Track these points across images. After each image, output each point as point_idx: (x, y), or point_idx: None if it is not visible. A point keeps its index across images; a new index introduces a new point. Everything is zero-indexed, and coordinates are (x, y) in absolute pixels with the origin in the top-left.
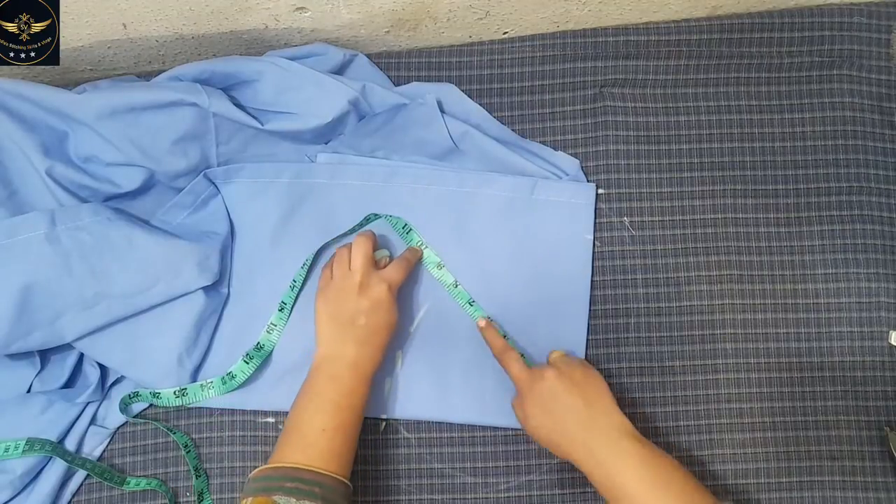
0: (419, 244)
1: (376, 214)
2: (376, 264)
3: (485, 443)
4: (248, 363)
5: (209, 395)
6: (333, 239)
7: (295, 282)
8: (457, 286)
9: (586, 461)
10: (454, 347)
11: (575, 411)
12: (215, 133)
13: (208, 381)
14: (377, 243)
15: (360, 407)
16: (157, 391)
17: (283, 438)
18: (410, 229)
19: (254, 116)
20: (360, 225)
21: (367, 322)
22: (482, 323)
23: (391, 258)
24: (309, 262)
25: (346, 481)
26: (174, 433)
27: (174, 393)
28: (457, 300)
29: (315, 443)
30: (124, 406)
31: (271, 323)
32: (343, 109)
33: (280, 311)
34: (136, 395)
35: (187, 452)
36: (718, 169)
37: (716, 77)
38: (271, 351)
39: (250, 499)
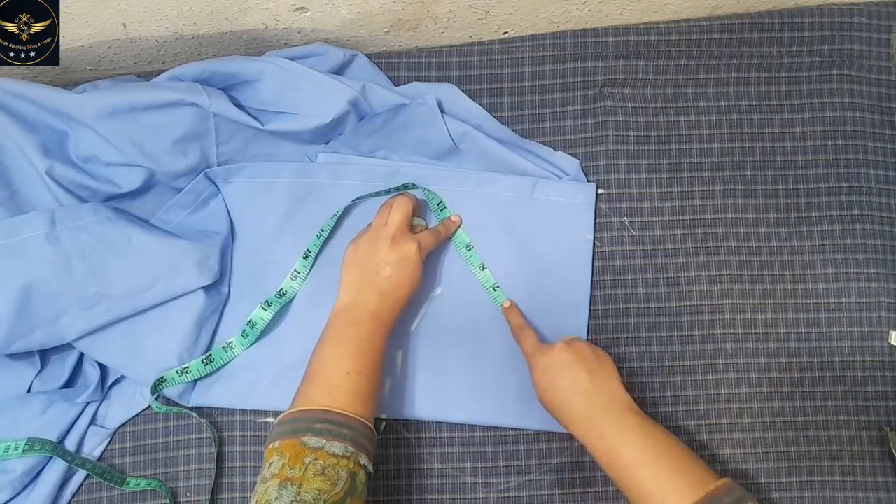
0: None
1: (414, 184)
2: (413, 229)
3: (485, 443)
4: (266, 310)
5: (235, 354)
6: (367, 196)
7: (322, 231)
8: (483, 269)
9: (587, 434)
10: (454, 347)
11: (579, 386)
12: (215, 133)
13: (227, 341)
14: (418, 209)
15: (379, 353)
16: (184, 366)
17: (305, 383)
18: (445, 207)
19: (254, 116)
20: (398, 190)
21: (392, 274)
22: (506, 304)
23: (426, 228)
24: (339, 214)
25: (370, 425)
26: (210, 429)
27: (202, 361)
28: (481, 282)
29: (340, 386)
30: (154, 399)
31: (295, 270)
32: (343, 109)
33: (304, 258)
34: (162, 381)
35: (220, 446)
36: (718, 169)
37: (716, 77)
38: (293, 298)
39: (278, 442)
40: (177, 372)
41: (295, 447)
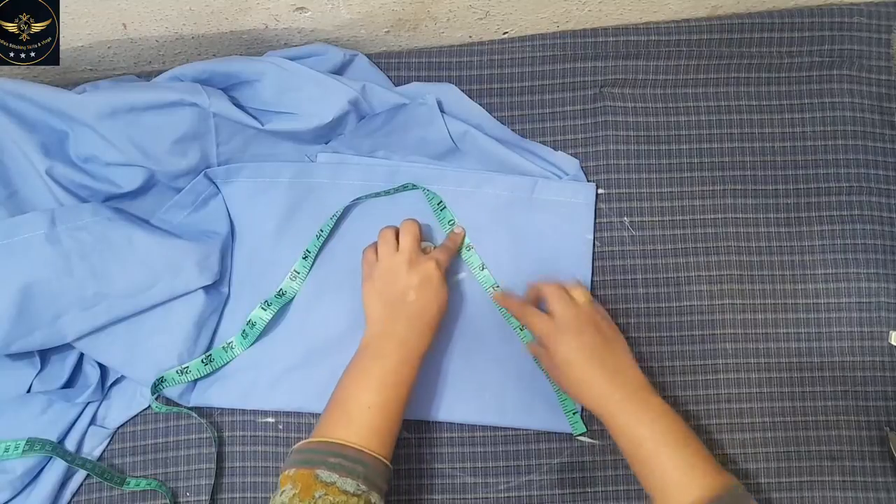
0: (450, 221)
1: (414, 185)
2: (423, 251)
3: (485, 443)
4: (265, 310)
5: (235, 354)
6: (367, 196)
7: (322, 231)
8: (483, 269)
9: (606, 410)
10: (454, 347)
11: (600, 363)
12: (215, 133)
13: (227, 341)
14: (422, 232)
15: (405, 385)
16: (184, 366)
17: (327, 413)
18: (444, 206)
19: (254, 116)
20: (397, 191)
21: (418, 298)
22: (497, 295)
23: (434, 248)
24: (338, 215)
25: (386, 462)
26: (210, 429)
27: (202, 361)
28: (482, 284)
29: (359, 420)
30: (154, 399)
31: (295, 270)
32: (343, 109)
33: (304, 258)
34: (162, 381)
35: (220, 446)
36: (718, 169)
37: (716, 77)
38: (292, 298)
39: (293, 470)
40: (177, 372)
41: (308, 479)
